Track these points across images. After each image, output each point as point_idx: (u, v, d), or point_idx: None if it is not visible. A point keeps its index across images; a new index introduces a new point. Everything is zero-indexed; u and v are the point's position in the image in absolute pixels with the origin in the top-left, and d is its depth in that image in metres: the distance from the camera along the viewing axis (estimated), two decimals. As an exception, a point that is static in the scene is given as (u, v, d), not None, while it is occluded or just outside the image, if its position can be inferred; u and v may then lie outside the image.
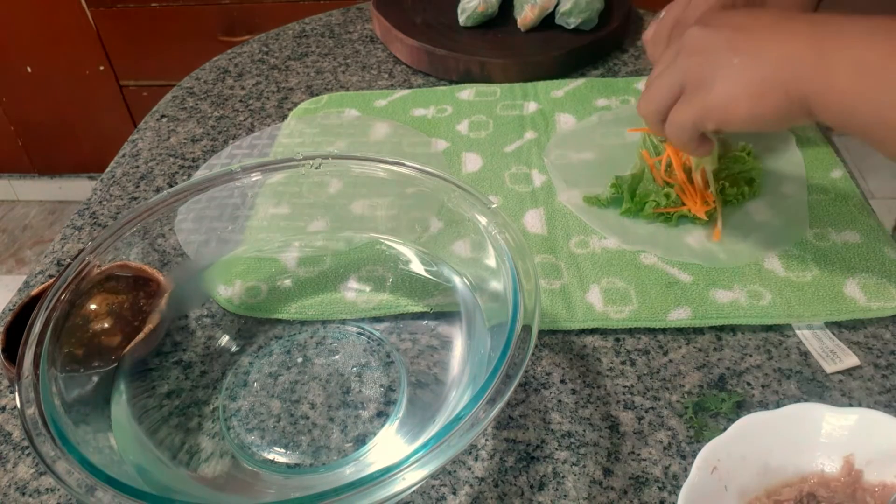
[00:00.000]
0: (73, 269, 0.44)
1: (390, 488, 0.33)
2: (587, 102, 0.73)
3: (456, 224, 0.48)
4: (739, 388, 0.47)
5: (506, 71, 0.77)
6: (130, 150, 0.72)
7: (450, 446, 0.34)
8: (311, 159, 0.50)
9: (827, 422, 0.39)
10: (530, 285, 0.41)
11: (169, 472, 0.42)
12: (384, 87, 0.79)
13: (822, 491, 0.38)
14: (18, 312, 0.48)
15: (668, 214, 0.57)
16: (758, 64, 0.43)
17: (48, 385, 0.38)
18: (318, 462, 0.44)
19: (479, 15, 0.81)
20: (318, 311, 0.52)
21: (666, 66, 0.49)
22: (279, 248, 0.56)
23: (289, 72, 0.83)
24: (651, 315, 0.51)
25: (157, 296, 0.49)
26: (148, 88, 1.77)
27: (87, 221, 0.64)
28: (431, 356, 0.49)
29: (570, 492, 0.42)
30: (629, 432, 0.45)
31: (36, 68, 1.76)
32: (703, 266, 0.54)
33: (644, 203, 0.57)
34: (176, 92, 0.81)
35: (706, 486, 0.37)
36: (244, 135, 0.73)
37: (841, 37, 0.41)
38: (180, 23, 1.63)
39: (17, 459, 0.45)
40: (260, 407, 0.47)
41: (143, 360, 0.47)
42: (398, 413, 0.46)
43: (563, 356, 0.50)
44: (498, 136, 0.69)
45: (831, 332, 0.50)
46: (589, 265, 0.55)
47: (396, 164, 0.49)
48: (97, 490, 0.33)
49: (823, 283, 0.52)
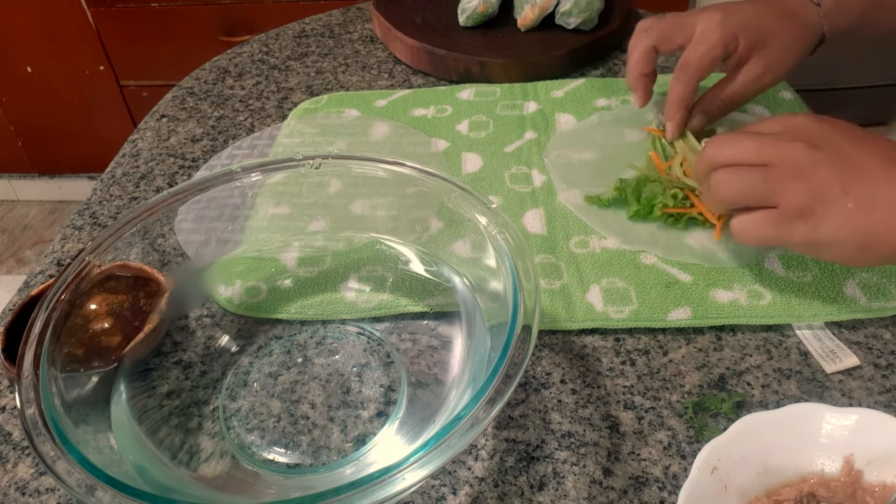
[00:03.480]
0: (73, 269, 0.44)
1: (390, 488, 0.33)
2: (587, 102, 0.73)
3: (456, 224, 0.48)
4: (739, 388, 0.47)
5: (506, 71, 0.77)
6: (130, 150, 0.72)
7: (450, 446, 0.34)
8: (311, 159, 0.50)
9: (827, 422, 0.39)
10: (530, 285, 0.41)
11: (169, 472, 0.41)
12: (384, 87, 0.79)
13: (822, 491, 0.38)
14: (18, 312, 0.48)
15: (678, 216, 0.57)
16: (871, 217, 0.42)
17: (48, 385, 0.38)
18: (318, 462, 0.44)
19: (479, 15, 0.81)
20: (318, 311, 0.52)
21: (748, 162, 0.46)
22: (279, 248, 0.56)
23: (289, 72, 0.83)
24: (651, 315, 0.51)
25: (157, 296, 0.49)
26: (148, 88, 1.77)
27: (87, 221, 0.64)
28: (431, 356, 0.49)
29: (570, 492, 0.42)
30: (629, 432, 0.45)
31: (36, 68, 1.76)
32: (703, 266, 0.54)
33: (652, 206, 0.57)
34: (176, 92, 0.81)
35: (706, 486, 0.37)
36: (244, 135, 0.73)
37: None
38: (180, 23, 1.63)
39: (17, 459, 0.45)
40: (260, 407, 0.47)
41: (143, 360, 0.47)
42: (398, 413, 0.46)
43: (563, 356, 0.50)
44: (498, 136, 0.69)
45: (831, 332, 0.50)
46: (589, 265, 0.55)
47: (396, 164, 0.49)
48: (97, 490, 0.33)
49: (823, 283, 0.52)
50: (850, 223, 0.43)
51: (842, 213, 0.43)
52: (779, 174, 0.44)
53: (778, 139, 0.46)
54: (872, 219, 0.42)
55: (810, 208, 0.43)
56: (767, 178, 0.45)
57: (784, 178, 0.44)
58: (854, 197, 0.43)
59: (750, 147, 0.46)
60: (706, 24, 0.58)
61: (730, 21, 0.58)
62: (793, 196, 0.44)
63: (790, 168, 0.44)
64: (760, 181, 0.45)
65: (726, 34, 0.58)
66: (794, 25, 0.59)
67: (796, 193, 0.44)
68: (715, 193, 0.47)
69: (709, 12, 0.59)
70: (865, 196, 0.43)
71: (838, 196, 0.43)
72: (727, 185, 0.46)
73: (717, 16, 0.58)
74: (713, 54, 0.58)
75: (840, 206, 0.43)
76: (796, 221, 0.44)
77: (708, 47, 0.58)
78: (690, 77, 0.59)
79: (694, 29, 0.59)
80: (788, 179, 0.44)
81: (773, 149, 0.45)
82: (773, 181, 0.44)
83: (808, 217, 0.44)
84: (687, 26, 0.60)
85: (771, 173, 0.45)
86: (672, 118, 0.61)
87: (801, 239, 0.44)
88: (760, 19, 0.58)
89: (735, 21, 0.58)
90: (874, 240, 0.43)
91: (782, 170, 0.44)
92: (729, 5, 0.59)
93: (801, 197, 0.44)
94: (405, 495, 0.41)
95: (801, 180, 0.44)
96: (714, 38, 0.58)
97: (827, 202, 0.43)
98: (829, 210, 0.43)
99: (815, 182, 0.43)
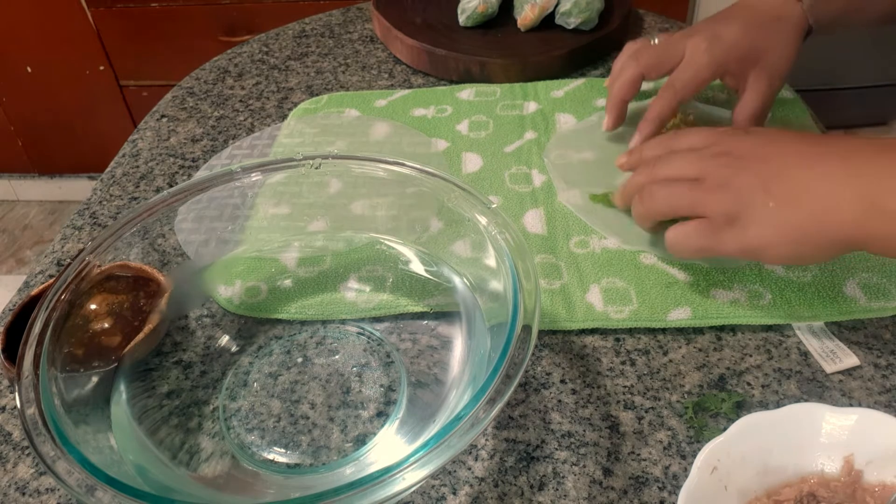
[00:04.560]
0: (73, 269, 0.44)
1: (390, 488, 0.33)
2: (587, 102, 0.73)
3: (456, 224, 0.48)
4: (739, 388, 0.47)
5: (506, 71, 0.77)
6: (130, 150, 0.72)
7: (450, 446, 0.34)
8: (311, 159, 0.50)
9: (827, 422, 0.39)
10: (530, 285, 0.41)
11: (169, 472, 0.42)
12: (384, 87, 0.79)
13: (822, 491, 0.38)
14: (18, 312, 0.48)
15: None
16: (796, 212, 0.43)
17: (48, 385, 0.38)
18: (318, 462, 0.44)
19: (479, 15, 0.81)
20: (318, 311, 0.52)
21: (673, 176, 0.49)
22: (279, 248, 0.56)
23: (289, 72, 0.83)
24: (651, 315, 0.51)
25: (157, 296, 0.49)
26: (148, 88, 1.77)
27: (87, 221, 0.64)
28: (431, 356, 0.49)
29: (570, 492, 0.42)
30: (629, 432, 0.45)
31: (36, 68, 1.77)
32: (703, 266, 0.54)
33: None
34: (176, 92, 0.81)
35: (706, 486, 0.37)
36: (244, 135, 0.73)
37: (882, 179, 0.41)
38: (180, 23, 1.63)
39: (17, 459, 0.46)
40: (260, 407, 0.47)
41: (143, 360, 0.47)
42: (398, 413, 0.46)
43: (563, 356, 0.50)
44: (498, 136, 0.69)
45: (831, 332, 0.50)
46: (589, 265, 0.55)
47: (396, 164, 0.49)
48: (97, 490, 0.33)
49: (823, 283, 0.52)
50: (774, 222, 0.43)
51: (764, 214, 0.43)
52: (705, 186, 0.46)
53: (703, 156, 0.48)
54: (799, 214, 0.43)
55: (735, 214, 0.44)
56: (694, 189, 0.47)
57: (710, 189, 0.46)
58: (775, 196, 0.43)
59: (679, 166, 0.49)
60: (693, 50, 0.60)
61: (716, 47, 0.59)
62: (718, 204, 0.45)
63: (715, 179, 0.46)
64: (687, 192, 0.47)
65: (714, 59, 0.59)
66: (782, 30, 0.60)
67: (721, 201, 0.45)
68: (645, 205, 0.50)
69: (695, 39, 0.60)
70: (787, 192, 0.43)
71: (760, 197, 0.44)
72: (657, 196, 0.49)
73: (703, 43, 0.60)
74: (701, 77, 0.60)
75: (762, 206, 0.43)
76: (725, 229, 0.45)
77: (695, 71, 0.60)
78: (672, 98, 0.60)
79: (682, 54, 0.61)
80: (713, 189, 0.46)
81: (699, 165, 0.48)
82: (700, 192, 0.46)
83: (734, 223, 0.44)
84: (676, 52, 0.61)
85: (697, 185, 0.47)
86: (643, 131, 0.62)
87: (732, 246, 0.45)
88: (747, 38, 0.60)
89: (722, 46, 0.59)
90: (807, 233, 0.42)
91: (708, 182, 0.46)
92: (715, 29, 0.61)
93: (725, 204, 0.45)
94: (405, 495, 0.41)
95: (724, 189, 0.45)
96: (702, 63, 0.59)
97: (750, 205, 0.44)
98: (752, 213, 0.44)
99: (736, 188, 0.45)
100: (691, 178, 0.48)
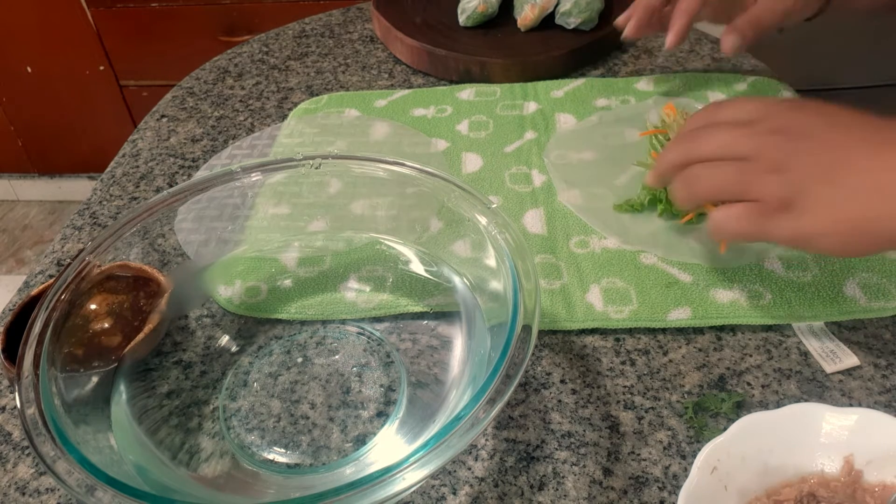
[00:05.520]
0: (73, 269, 0.44)
1: (390, 488, 0.33)
2: (587, 102, 0.73)
3: (456, 224, 0.48)
4: (739, 388, 0.47)
5: (506, 71, 0.77)
6: (130, 150, 0.72)
7: (450, 446, 0.34)
8: (311, 159, 0.50)
9: (827, 422, 0.39)
10: (530, 285, 0.41)
11: (169, 472, 0.42)
12: (384, 87, 0.79)
13: (822, 491, 0.38)
14: (18, 312, 0.48)
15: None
16: (856, 204, 0.41)
17: (48, 385, 0.38)
18: (318, 462, 0.44)
19: (479, 15, 0.81)
20: (318, 311, 0.52)
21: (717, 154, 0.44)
22: (279, 248, 0.56)
23: (289, 72, 0.83)
24: (651, 315, 0.51)
25: (157, 296, 0.49)
26: (148, 88, 1.77)
27: (87, 221, 0.64)
28: (431, 356, 0.49)
29: (570, 492, 0.42)
30: (629, 432, 0.45)
31: (36, 68, 1.77)
32: (703, 266, 0.54)
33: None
34: (176, 92, 0.81)
35: (706, 486, 0.37)
36: (244, 135, 0.73)
37: None
38: (180, 23, 1.63)
39: (17, 459, 0.46)
40: (260, 407, 0.47)
41: (143, 360, 0.47)
42: (398, 413, 0.46)
43: (563, 356, 0.50)
44: (498, 136, 0.69)
45: (831, 332, 0.50)
46: (589, 265, 0.55)
47: (396, 164, 0.49)
48: (97, 490, 0.33)
49: (823, 283, 0.52)
50: (831, 211, 0.41)
51: (822, 202, 0.41)
52: (756, 168, 0.43)
53: (755, 133, 0.44)
54: (859, 205, 0.41)
55: (791, 199, 0.42)
56: (745, 172, 0.43)
57: (762, 172, 0.43)
58: (837, 184, 0.41)
59: (726, 142, 0.45)
60: None
61: None
62: (773, 187, 0.42)
63: (770, 161, 0.43)
64: (737, 176, 0.44)
65: None
66: None
67: (777, 185, 0.42)
68: (690, 189, 0.46)
69: None
70: (852, 183, 0.41)
71: (820, 185, 0.41)
72: (703, 180, 0.45)
73: None
74: None
75: (821, 195, 0.41)
76: (777, 214, 0.42)
77: None
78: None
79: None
80: (767, 173, 0.43)
81: (750, 143, 0.44)
82: (752, 175, 0.43)
83: (788, 209, 0.42)
84: None
85: (748, 168, 0.43)
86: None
87: (784, 232, 0.42)
88: None
89: None
90: (863, 226, 0.41)
91: (760, 164, 0.43)
92: None
93: (782, 188, 0.42)
94: (405, 495, 0.41)
95: (780, 172, 0.42)
96: None
97: (807, 192, 0.41)
98: (809, 200, 0.41)
99: (795, 173, 0.42)
100: (738, 158, 0.44)
